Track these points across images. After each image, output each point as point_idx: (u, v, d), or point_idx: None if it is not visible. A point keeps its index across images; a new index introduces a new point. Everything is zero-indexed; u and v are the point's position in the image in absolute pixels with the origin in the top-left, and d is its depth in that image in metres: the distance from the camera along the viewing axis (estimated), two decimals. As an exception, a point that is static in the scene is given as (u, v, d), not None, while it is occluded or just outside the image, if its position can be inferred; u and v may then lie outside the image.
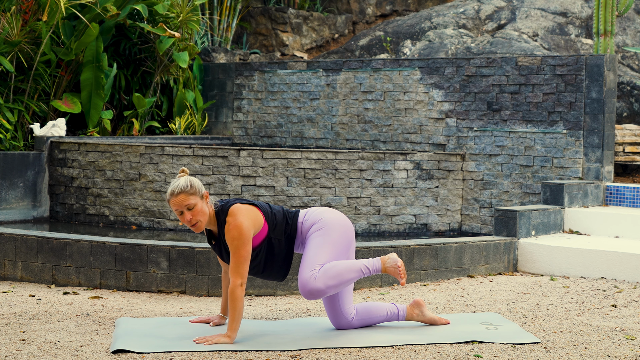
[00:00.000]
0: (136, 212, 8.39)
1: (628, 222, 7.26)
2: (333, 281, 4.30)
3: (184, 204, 4.23)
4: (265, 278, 4.53)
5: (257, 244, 4.35)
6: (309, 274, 4.27)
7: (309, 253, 4.36)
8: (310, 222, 4.46)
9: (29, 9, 8.87)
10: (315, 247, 4.37)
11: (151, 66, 10.38)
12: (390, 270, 4.46)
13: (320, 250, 4.36)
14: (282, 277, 4.53)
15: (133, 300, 5.56)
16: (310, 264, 4.31)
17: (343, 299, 4.56)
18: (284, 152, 8.24)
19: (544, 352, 4.19)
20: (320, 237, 4.39)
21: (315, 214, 4.49)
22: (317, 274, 4.28)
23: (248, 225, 4.25)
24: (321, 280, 4.28)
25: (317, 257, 4.34)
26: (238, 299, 4.22)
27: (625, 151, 8.50)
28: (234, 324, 4.24)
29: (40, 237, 6.05)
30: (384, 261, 4.47)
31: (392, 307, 4.68)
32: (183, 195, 4.23)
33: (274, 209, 4.45)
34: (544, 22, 11.47)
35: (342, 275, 4.34)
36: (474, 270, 6.55)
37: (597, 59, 8.03)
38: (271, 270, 4.47)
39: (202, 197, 4.28)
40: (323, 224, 4.43)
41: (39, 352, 4.05)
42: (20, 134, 8.99)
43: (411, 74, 9.20)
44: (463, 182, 8.71)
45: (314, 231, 4.42)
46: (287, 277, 4.56)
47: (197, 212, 4.26)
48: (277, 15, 12.98)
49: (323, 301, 4.61)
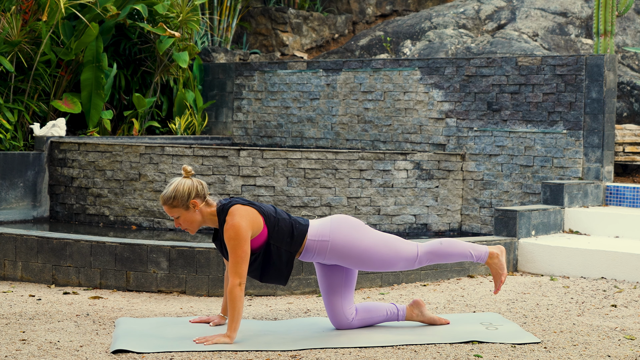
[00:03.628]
0: (136, 212, 8.39)
1: (628, 222, 7.26)
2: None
3: (169, 214, 4.36)
4: (265, 282, 4.52)
5: (255, 247, 4.34)
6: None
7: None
8: (320, 242, 4.43)
9: (29, 9, 8.87)
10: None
11: (151, 66, 10.38)
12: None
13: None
14: (283, 282, 4.51)
15: (133, 300, 5.56)
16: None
17: (344, 300, 4.55)
18: (284, 152, 8.24)
19: (544, 352, 4.19)
20: (349, 259, 4.48)
21: (323, 233, 4.45)
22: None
23: (245, 226, 4.24)
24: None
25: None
26: (237, 299, 4.22)
27: (625, 151, 8.50)
28: (233, 324, 4.24)
29: (40, 237, 6.05)
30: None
31: (391, 307, 4.68)
32: (166, 207, 4.34)
33: (280, 216, 4.40)
34: (544, 22, 11.47)
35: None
36: (474, 270, 6.55)
37: (597, 59, 8.03)
38: (269, 276, 4.45)
39: (187, 207, 4.31)
40: (338, 249, 4.44)
41: (39, 352, 4.05)
42: (20, 134, 8.99)
43: (411, 74, 9.20)
44: (463, 182, 8.71)
45: (333, 256, 4.44)
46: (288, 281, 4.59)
47: (183, 221, 4.36)
48: (277, 15, 12.98)
49: (324, 301, 4.61)
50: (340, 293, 4.54)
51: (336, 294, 4.54)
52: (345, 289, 4.56)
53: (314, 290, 5.90)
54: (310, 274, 5.88)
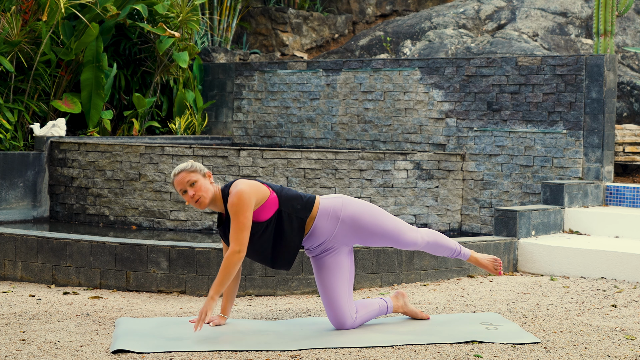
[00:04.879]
0: (136, 212, 8.39)
1: (628, 222, 7.26)
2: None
3: (186, 180, 4.36)
4: (273, 263, 4.50)
5: (267, 217, 4.37)
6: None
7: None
8: (332, 215, 4.50)
9: (29, 9, 8.87)
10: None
11: (151, 66, 10.38)
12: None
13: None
14: (290, 262, 4.52)
15: (133, 300, 5.56)
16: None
17: (346, 302, 4.55)
18: (284, 152, 8.24)
19: (544, 352, 4.19)
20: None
21: (334, 196, 4.59)
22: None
23: (248, 192, 4.30)
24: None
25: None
26: (232, 265, 4.26)
27: (625, 151, 8.51)
28: (218, 287, 4.27)
29: (40, 237, 6.05)
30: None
31: (381, 301, 4.77)
32: (184, 173, 4.38)
33: (285, 188, 4.54)
34: (544, 22, 11.48)
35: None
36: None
37: (597, 59, 8.03)
38: (279, 253, 4.45)
39: (204, 176, 4.42)
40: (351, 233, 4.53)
41: (39, 352, 4.05)
42: (20, 134, 8.99)
43: (411, 74, 9.20)
44: (463, 182, 8.71)
45: (346, 222, 4.50)
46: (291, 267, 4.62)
47: (199, 188, 4.37)
48: (277, 15, 12.98)
49: (324, 304, 4.60)
50: (343, 295, 4.54)
51: (339, 298, 4.53)
52: (347, 288, 4.56)
53: (314, 290, 5.90)
54: (310, 274, 5.88)
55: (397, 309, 4.81)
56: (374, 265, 6.07)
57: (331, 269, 4.54)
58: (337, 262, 4.55)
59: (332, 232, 4.48)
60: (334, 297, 4.52)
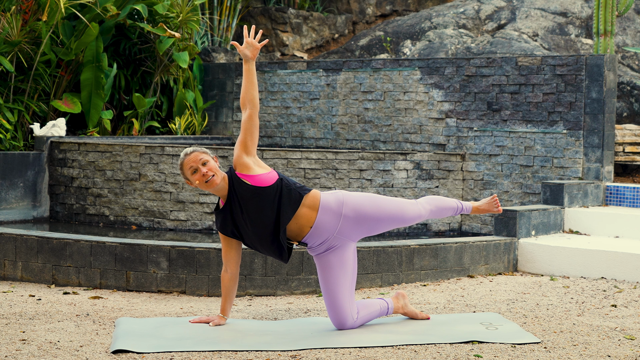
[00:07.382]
0: (136, 212, 8.39)
1: (628, 222, 7.26)
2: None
3: (199, 158, 4.46)
4: (273, 249, 4.50)
5: (268, 183, 4.43)
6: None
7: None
8: (334, 206, 4.53)
9: (29, 9, 8.87)
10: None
11: (151, 66, 10.38)
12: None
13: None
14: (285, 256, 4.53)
15: (133, 300, 5.56)
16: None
17: (347, 302, 4.55)
18: (284, 152, 8.24)
19: (544, 352, 4.19)
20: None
21: (335, 190, 4.66)
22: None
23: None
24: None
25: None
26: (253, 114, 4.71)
27: (625, 151, 8.51)
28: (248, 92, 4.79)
29: (40, 237, 6.05)
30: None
31: (382, 301, 4.78)
32: (196, 153, 4.49)
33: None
34: (544, 22, 11.48)
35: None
36: (474, 270, 6.55)
37: (597, 59, 8.03)
38: (278, 222, 4.45)
39: (213, 159, 4.55)
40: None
41: (39, 352, 4.05)
42: (20, 134, 8.99)
43: (411, 74, 9.20)
44: (463, 182, 8.71)
45: (349, 212, 4.53)
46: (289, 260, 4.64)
47: (211, 167, 4.46)
48: (277, 15, 12.98)
49: (326, 303, 4.60)
50: (344, 296, 4.54)
51: (340, 299, 4.53)
52: (349, 288, 4.56)
53: (314, 290, 5.90)
54: (310, 274, 5.88)
55: (398, 309, 4.82)
56: (374, 265, 6.07)
57: (335, 268, 4.54)
58: (342, 260, 4.55)
59: (335, 228, 4.48)
60: (336, 296, 4.53)
